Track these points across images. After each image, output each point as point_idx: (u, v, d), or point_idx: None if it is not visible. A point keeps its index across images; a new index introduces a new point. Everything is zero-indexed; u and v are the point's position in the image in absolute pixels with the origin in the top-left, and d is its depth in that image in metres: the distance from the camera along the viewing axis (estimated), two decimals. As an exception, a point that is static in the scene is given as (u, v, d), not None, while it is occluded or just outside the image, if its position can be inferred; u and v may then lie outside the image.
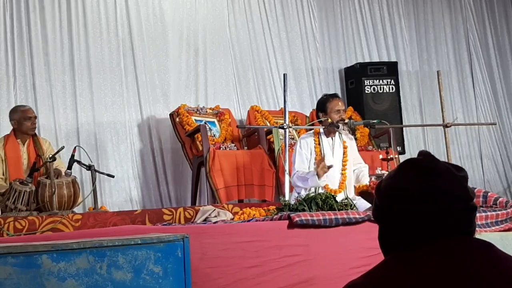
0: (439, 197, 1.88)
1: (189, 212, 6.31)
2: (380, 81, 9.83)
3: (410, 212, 1.90)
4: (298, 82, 9.99)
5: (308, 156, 6.94)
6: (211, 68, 9.47)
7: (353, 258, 4.69)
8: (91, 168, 6.85)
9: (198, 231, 4.85)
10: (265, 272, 4.88)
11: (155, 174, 8.87)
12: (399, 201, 1.93)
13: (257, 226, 5.25)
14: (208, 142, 7.99)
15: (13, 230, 5.54)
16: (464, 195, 1.92)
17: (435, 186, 1.89)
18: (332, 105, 6.95)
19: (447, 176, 1.91)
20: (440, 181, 1.90)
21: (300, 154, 6.93)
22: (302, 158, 6.91)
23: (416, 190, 1.90)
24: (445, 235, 1.89)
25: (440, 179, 1.90)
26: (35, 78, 8.42)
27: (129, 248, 3.63)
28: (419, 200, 1.89)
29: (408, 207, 1.91)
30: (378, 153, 8.00)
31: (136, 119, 8.94)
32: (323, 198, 5.60)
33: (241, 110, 9.46)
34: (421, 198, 1.89)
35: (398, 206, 1.93)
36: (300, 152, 6.93)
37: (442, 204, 1.88)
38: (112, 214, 6.14)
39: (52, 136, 8.24)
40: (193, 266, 3.91)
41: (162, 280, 3.70)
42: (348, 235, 5.17)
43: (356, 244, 4.87)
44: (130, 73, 8.99)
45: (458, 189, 1.91)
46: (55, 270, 3.40)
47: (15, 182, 6.58)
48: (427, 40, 11.08)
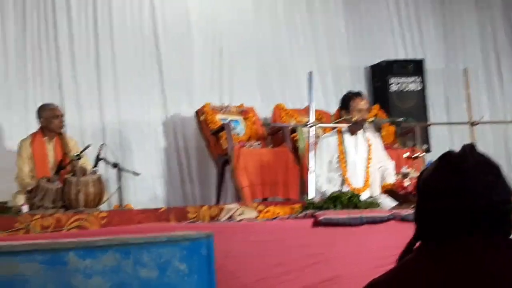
0: (465, 194, 1.89)
1: (213, 210, 6.34)
2: (406, 79, 9.81)
3: (438, 209, 1.92)
4: (323, 80, 9.98)
5: (329, 156, 6.96)
6: (236, 66, 9.49)
7: (377, 257, 4.71)
8: (117, 166, 6.91)
9: (223, 229, 4.89)
10: (289, 270, 4.90)
11: (180, 173, 8.91)
12: (428, 197, 1.95)
13: (282, 224, 5.28)
14: (232, 141, 8.01)
15: (39, 227, 5.60)
16: (489, 193, 1.90)
17: (461, 183, 1.90)
18: (355, 103, 6.96)
19: (474, 173, 1.91)
20: (466, 179, 1.90)
21: (320, 155, 6.94)
22: (321, 160, 6.93)
23: (443, 186, 1.91)
24: (471, 233, 1.89)
25: (467, 176, 1.90)
26: (61, 78, 8.50)
27: (154, 246, 3.67)
28: (446, 197, 1.90)
29: (436, 204, 1.92)
30: (403, 152, 7.96)
31: (161, 117, 8.99)
32: (348, 196, 5.62)
33: (265, 108, 9.47)
34: (447, 195, 1.90)
35: (427, 203, 1.95)
36: (320, 153, 6.95)
37: (466, 201, 1.89)
38: (137, 212, 6.18)
39: (78, 134, 8.30)
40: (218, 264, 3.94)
41: (187, 277, 3.73)
42: (373, 234, 5.17)
43: (381, 243, 4.88)
44: (155, 71, 9.04)
45: (483, 187, 1.90)
46: (82, 267, 3.45)
47: (42, 180, 6.64)
48: (454, 37, 11.02)
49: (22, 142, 7.23)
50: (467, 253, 1.88)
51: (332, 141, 6.99)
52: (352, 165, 6.90)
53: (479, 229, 1.90)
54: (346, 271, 4.93)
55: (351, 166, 6.89)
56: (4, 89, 8.26)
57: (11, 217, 5.68)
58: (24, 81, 8.34)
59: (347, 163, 6.90)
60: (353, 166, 6.91)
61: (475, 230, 1.90)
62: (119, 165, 6.94)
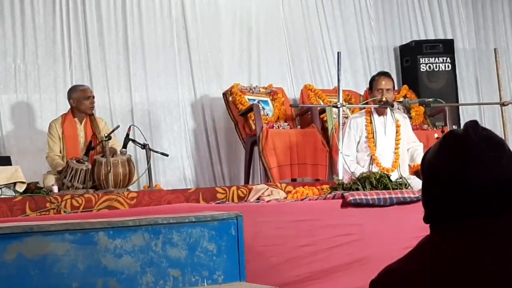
0: (471, 173, 1.86)
1: (242, 191, 6.34)
2: (436, 59, 9.73)
3: (446, 191, 1.89)
4: (352, 60, 9.93)
5: (357, 137, 6.93)
6: (264, 47, 9.46)
7: (407, 237, 4.69)
8: (146, 147, 6.92)
9: (252, 209, 4.89)
10: (318, 251, 4.91)
11: (209, 153, 8.92)
12: (435, 180, 1.92)
13: (310, 205, 5.28)
14: (261, 121, 8.00)
15: (70, 207, 5.64)
16: (495, 170, 1.87)
17: (466, 162, 1.87)
18: (376, 83, 6.94)
19: (478, 151, 1.87)
20: (470, 157, 1.87)
21: (349, 135, 6.93)
22: (349, 140, 6.91)
23: (448, 167, 1.89)
24: (481, 212, 1.86)
25: (471, 155, 1.87)
26: (90, 58, 8.52)
27: (184, 226, 3.68)
28: (453, 178, 1.88)
29: (443, 186, 1.90)
30: (433, 132, 7.92)
31: (190, 98, 8.99)
32: (377, 177, 5.59)
33: (294, 89, 9.45)
34: (453, 176, 1.88)
35: (434, 185, 1.93)
36: (348, 133, 6.93)
37: (473, 181, 1.86)
38: (166, 192, 6.19)
39: (107, 115, 8.33)
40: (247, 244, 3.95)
41: (216, 257, 3.75)
42: (403, 215, 5.16)
43: (411, 223, 4.85)
44: (184, 52, 9.03)
45: (489, 167, 1.87)
46: (112, 247, 3.48)
47: (71, 160, 6.67)
48: (484, 17, 10.90)
49: (52, 123, 7.26)
50: (479, 233, 1.85)
51: (361, 122, 6.95)
52: (381, 145, 6.88)
53: (489, 207, 1.86)
54: (375, 251, 4.93)
55: (379, 147, 6.87)
56: (34, 70, 8.29)
57: (42, 197, 5.72)
58: (53, 62, 8.37)
59: (376, 143, 6.87)
60: (381, 146, 6.88)
61: (485, 209, 1.86)
62: (148, 146, 6.95)
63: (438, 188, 1.92)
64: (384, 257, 4.84)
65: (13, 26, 8.28)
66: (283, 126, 8.27)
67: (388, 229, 5.05)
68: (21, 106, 8.19)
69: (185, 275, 3.64)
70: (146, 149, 6.91)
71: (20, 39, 8.28)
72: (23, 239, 3.30)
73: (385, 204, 5.12)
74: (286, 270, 4.76)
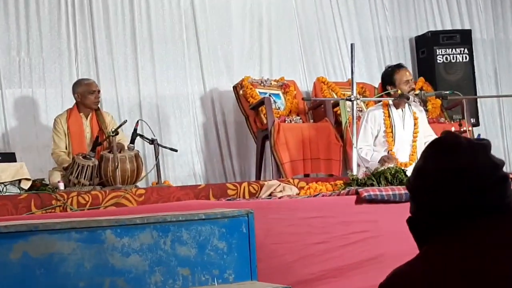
0: (464, 173, 1.90)
1: (253, 187, 6.34)
2: (453, 50, 9.70)
3: (435, 191, 1.94)
4: (366, 52, 9.91)
5: (374, 131, 6.91)
6: (276, 39, 9.45)
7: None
8: (154, 142, 6.93)
9: (263, 206, 4.88)
10: (332, 248, 4.90)
11: (219, 148, 8.92)
12: (426, 182, 1.96)
13: (324, 201, 5.26)
14: (272, 115, 8.00)
15: (76, 205, 5.64)
16: (490, 167, 1.92)
17: (457, 163, 1.91)
18: (400, 76, 6.91)
19: (468, 150, 1.92)
20: (462, 157, 1.91)
21: (365, 129, 6.90)
22: (366, 134, 6.89)
23: (439, 169, 1.92)
24: (481, 213, 1.90)
25: (462, 155, 1.92)
26: (97, 51, 8.53)
27: (193, 224, 3.68)
28: (444, 179, 1.92)
29: (432, 186, 1.94)
30: (450, 126, 7.90)
31: (199, 92, 8.99)
32: (392, 172, 5.57)
33: (307, 81, 9.43)
34: (445, 177, 1.92)
35: (424, 186, 1.97)
36: (365, 127, 6.91)
37: (468, 181, 1.90)
38: (175, 189, 6.20)
39: (114, 110, 8.34)
40: (258, 242, 3.94)
41: (226, 256, 3.74)
42: (419, 211, 5.13)
43: (427, 220, 4.84)
44: (193, 45, 9.03)
45: (482, 163, 1.91)
46: (119, 246, 3.47)
47: (78, 156, 6.69)
48: (503, 6, 10.85)
49: (57, 118, 7.27)
50: (477, 235, 1.89)
51: (379, 115, 6.94)
52: (399, 139, 6.86)
53: (491, 206, 1.90)
54: (391, 249, 4.91)
55: (397, 141, 6.85)
56: (38, 64, 8.29)
57: (48, 194, 5.72)
58: (58, 56, 8.37)
59: (395, 137, 6.86)
60: (399, 140, 6.86)
61: (489, 207, 1.90)
62: (157, 141, 6.95)
63: (430, 193, 1.95)
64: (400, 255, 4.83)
65: (17, 18, 8.28)
66: (295, 120, 8.26)
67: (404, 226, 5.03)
68: (25, 101, 8.21)
69: (194, 274, 3.64)
70: (154, 144, 6.91)
71: (24, 32, 8.28)
72: (29, 237, 3.31)
73: (401, 200, 5.10)
74: (298, 269, 4.75)
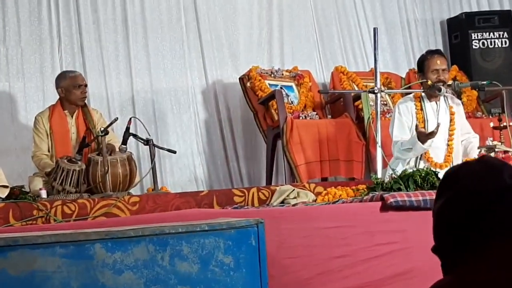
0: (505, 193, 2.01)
1: (263, 193, 6.35)
2: (490, 34, 9.68)
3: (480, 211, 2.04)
4: (391, 37, 9.90)
5: (409, 123, 6.90)
6: (288, 23, 9.44)
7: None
8: (149, 142, 6.92)
9: (275, 215, 4.88)
10: (355, 263, 4.89)
11: (224, 149, 8.93)
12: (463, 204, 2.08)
13: (344, 209, 5.26)
14: (285, 111, 8.00)
15: (61, 215, 5.65)
16: None
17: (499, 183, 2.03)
18: (430, 63, 6.89)
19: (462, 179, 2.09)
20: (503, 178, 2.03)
21: (400, 120, 6.89)
22: (402, 125, 6.87)
23: (485, 189, 2.04)
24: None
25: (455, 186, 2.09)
26: (83, 39, 8.53)
27: (195, 236, 3.68)
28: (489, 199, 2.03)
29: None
30: (488, 120, 7.88)
31: (200, 84, 8.99)
32: (422, 175, 5.56)
33: (323, 71, 9.43)
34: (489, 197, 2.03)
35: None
36: (399, 119, 6.89)
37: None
38: (174, 196, 6.21)
39: (104, 106, 8.36)
40: (270, 256, 3.94)
41: (233, 272, 3.74)
42: (454, 219, 5.13)
43: (463, 229, 4.83)
44: (193, 30, 9.03)
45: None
46: (110, 262, 3.48)
47: (62, 160, 6.69)
48: (548, -18, 10.85)
49: (38, 117, 7.27)
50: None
51: (411, 107, 6.93)
52: (433, 136, 6.84)
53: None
54: (422, 263, 4.90)
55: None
56: (16, 54, 8.30)
57: (28, 203, 5.73)
58: (39, 45, 8.38)
59: (428, 133, 6.84)
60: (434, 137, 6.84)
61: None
62: (152, 142, 6.95)
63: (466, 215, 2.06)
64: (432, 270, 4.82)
65: (-9, 2, 8.31)
66: (310, 116, 8.27)
67: (436, 236, 5.03)
68: (1, 97, 8.22)
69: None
70: (149, 145, 6.92)
71: (0, 18, 8.30)
72: (7, 253, 3.31)
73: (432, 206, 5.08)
74: (316, 286, 4.75)
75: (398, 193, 5.20)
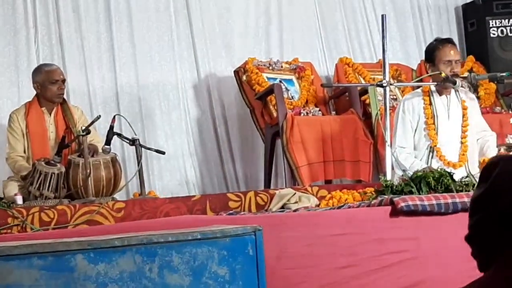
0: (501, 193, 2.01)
1: (261, 198, 6.35)
2: (510, 21, 9.70)
3: None
4: (401, 25, 9.91)
5: (413, 123, 6.90)
6: (288, 10, 9.45)
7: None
8: (136, 142, 6.93)
9: (274, 222, 4.89)
10: (362, 273, 4.90)
11: (217, 150, 8.93)
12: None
13: (351, 214, 5.27)
14: (284, 107, 8.00)
15: (38, 223, 5.66)
16: None
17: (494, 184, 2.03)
18: (442, 53, 6.89)
19: (502, 168, 2.03)
20: (496, 178, 2.03)
21: (403, 121, 6.89)
22: (405, 128, 6.88)
23: None
24: None
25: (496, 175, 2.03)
26: (62, 29, 8.53)
27: (187, 245, 3.68)
28: None
29: None
30: (508, 116, 7.91)
31: (191, 78, 9.00)
32: (436, 176, 5.57)
33: (327, 63, 9.44)
34: None
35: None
36: (403, 118, 6.89)
37: None
38: (163, 202, 6.21)
39: (85, 102, 8.35)
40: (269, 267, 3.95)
41: (229, 285, 3.75)
42: (470, 225, 5.13)
43: (481, 236, 4.83)
44: (183, 19, 9.03)
45: None
46: (93, 274, 3.48)
47: (39, 162, 6.69)
48: None
49: (13, 114, 7.27)
50: None
51: (417, 103, 6.92)
52: (444, 133, 6.84)
53: None
54: (436, 274, 4.92)
55: (442, 135, 6.83)
56: (-13, 45, 8.33)
57: (2, 210, 5.74)
58: (13, 35, 8.38)
59: (438, 130, 6.84)
60: (445, 134, 6.84)
61: None
62: (139, 142, 6.95)
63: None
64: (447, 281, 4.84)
65: (-42, -11, 8.32)
66: (313, 112, 8.28)
67: (451, 243, 5.03)
68: (-28, 93, 8.24)
69: (189, 308, 3.65)
70: (136, 145, 6.92)
71: (-31, 6, 8.32)
72: (-21, 265, 3.31)
73: (447, 211, 5.10)
74: (320, 300, 4.77)
75: (410, 197, 5.21)
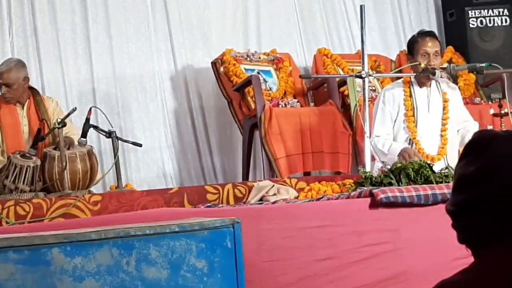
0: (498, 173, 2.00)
1: (240, 190, 6.35)
2: (489, 12, 9.71)
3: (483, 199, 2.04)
4: (380, 15, 9.92)
5: (393, 114, 6.91)
6: (265, 1, 9.44)
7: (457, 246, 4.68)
8: (112, 135, 6.91)
9: (253, 214, 4.89)
10: (341, 266, 4.91)
11: (195, 142, 8.93)
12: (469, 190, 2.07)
13: (330, 206, 5.28)
14: (262, 98, 8.00)
15: (14, 217, 5.64)
16: None
17: (489, 162, 2.02)
18: (419, 46, 6.90)
19: (498, 146, 2.02)
20: (492, 156, 2.02)
21: (383, 111, 6.90)
22: (384, 118, 6.89)
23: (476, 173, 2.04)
24: None
25: (491, 153, 2.02)
26: (37, 20, 8.50)
27: (164, 238, 3.68)
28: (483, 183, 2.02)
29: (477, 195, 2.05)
30: (488, 107, 7.93)
31: (169, 70, 8.98)
32: (416, 167, 5.58)
33: (305, 54, 9.45)
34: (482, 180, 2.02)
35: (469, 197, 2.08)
36: (383, 109, 6.91)
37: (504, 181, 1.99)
38: (140, 194, 6.20)
39: (61, 95, 8.33)
40: (247, 260, 3.95)
41: (207, 278, 3.74)
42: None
43: (461, 227, 4.85)
44: (159, 10, 9.02)
45: None
46: (70, 268, 3.47)
47: (14, 155, 6.67)
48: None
49: (-14, 107, 7.25)
50: None
51: (398, 94, 6.93)
52: (424, 125, 6.85)
53: None
54: (416, 265, 4.93)
55: (422, 127, 6.84)
56: (-38, 38, 8.29)
57: (-23, 204, 5.72)
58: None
59: (417, 122, 6.86)
60: (424, 127, 6.86)
61: None
62: (115, 134, 6.94)
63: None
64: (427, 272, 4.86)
65: None
66: (291, 104, 8.28)
67: (431, 235, 5.05)
68: None
69: (167, 302, 3.65)
70: (112, 137, 6.90)
71: None
72: (-47, 260, 3.30)
73: (426, 202, 5.11)
74: (299, 292, 4.77)
75: (389, 188, 5.21)
